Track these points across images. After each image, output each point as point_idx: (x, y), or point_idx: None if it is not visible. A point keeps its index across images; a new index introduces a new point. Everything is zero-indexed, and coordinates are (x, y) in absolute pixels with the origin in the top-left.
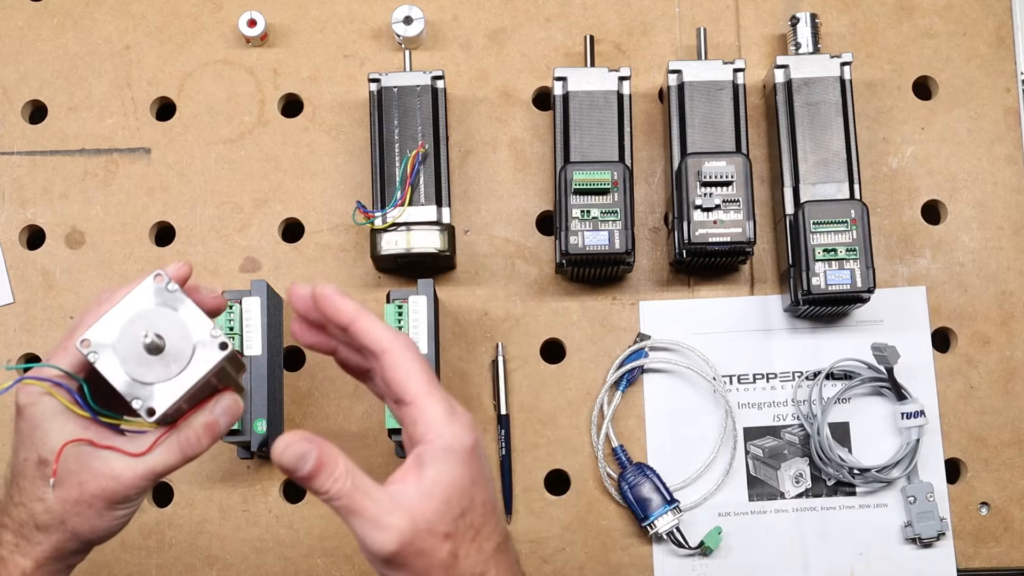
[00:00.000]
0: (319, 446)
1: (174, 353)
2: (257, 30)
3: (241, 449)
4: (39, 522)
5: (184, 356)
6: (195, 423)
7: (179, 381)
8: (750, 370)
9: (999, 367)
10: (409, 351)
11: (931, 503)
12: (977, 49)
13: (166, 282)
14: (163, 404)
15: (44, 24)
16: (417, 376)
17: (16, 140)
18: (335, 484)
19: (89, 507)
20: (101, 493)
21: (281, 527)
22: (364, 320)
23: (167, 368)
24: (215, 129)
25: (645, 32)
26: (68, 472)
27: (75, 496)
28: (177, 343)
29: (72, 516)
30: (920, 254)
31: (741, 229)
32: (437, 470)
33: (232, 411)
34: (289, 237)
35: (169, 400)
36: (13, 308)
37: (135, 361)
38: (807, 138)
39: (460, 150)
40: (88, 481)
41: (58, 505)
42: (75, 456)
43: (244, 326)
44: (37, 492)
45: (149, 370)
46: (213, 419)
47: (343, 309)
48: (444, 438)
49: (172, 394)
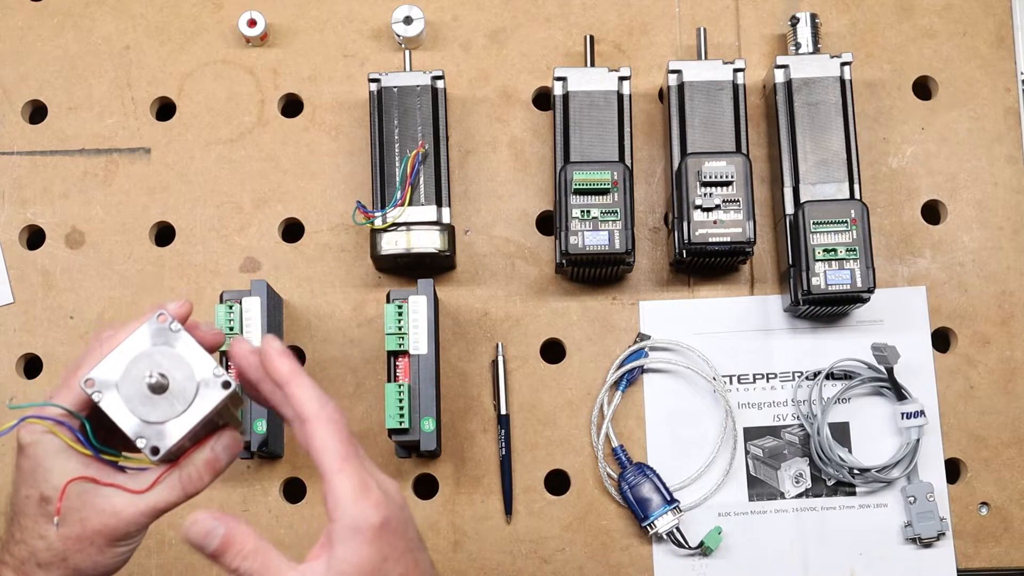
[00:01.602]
0: (227, 524)
1: (178, 392)
2: (257, 30)
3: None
4: (40, 560)
5: (188, 395)
6: (196, 460)
7: (183, 420)
8: (750, 370)
9: (999, 367)
10: (331, 425)
11: (931, 503)
12: (977, 49)
13: (169, 322)
14: (167, 443)
15: (44, 24)
16: (331, 451)
17: (16, 140)
18: (243, 562)
19: (91, 544)
20: (103, 530)
21: (281, 527)
22: (295, 385)
23: (171, 407)
24: (215, 129)
25: (645, 32)
26: (70, 510)
27: (77, 533)
28: (181, 382)
29: (74, 553)
30: (920, 254)
31: (741, 229)
32: (345, 549)
33: (232, 449)
34: (289, 237)
35: (173, 439)
36: (13, 308)
37: (139, 400)
38: (807, 138)
39: (460, 150)
40: (90, 518)
41: (60, 543)
42: (77, 494)
43: (244, 326)
44: (39, 530)
45: (153, 409)
46: (214, 456)
47: (280, 370)
48: (350, 516)
49: (176, 433)
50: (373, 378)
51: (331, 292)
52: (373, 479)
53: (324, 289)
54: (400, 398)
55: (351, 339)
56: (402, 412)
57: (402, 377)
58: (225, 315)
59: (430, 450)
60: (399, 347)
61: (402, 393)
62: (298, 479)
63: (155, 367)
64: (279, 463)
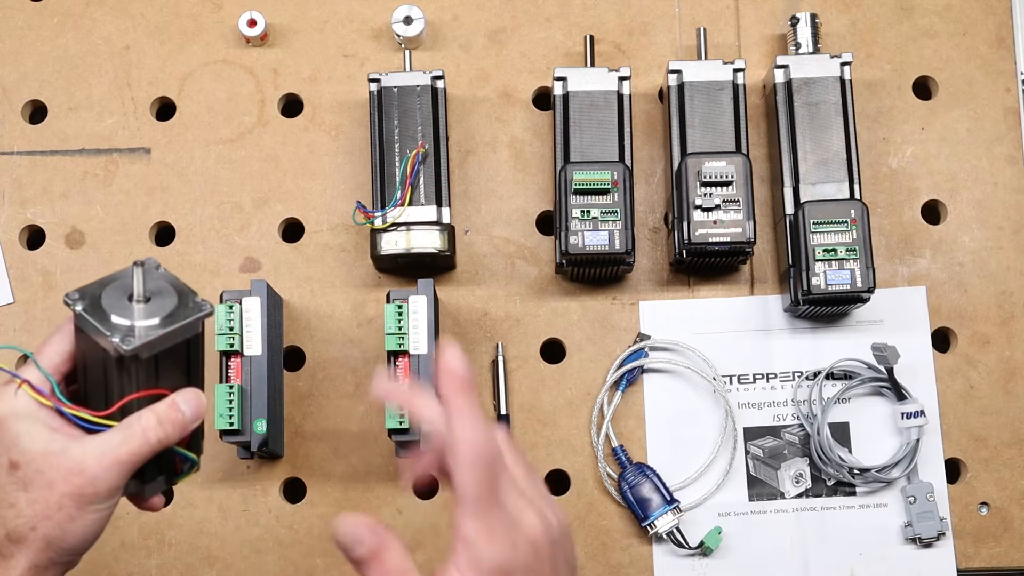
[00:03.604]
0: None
1: (157, 304)
2: (257, 30)
3: (241, 449)
4: (11, 531)
5: (167, 307)
6: (157, 407)
7: (158, 324)
8: (750, 370)
9: (999, 367)
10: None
11: (931, 503)
12: (977, 49)
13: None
14: (139, 338)
15: (44, 24)
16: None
17: (16, 140)
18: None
19: (59, 509)
20: (71, 491)
21: (281, 527)
22: (453, 408)
23: (149, 314)
24: (215, 129)
25: (645, 32)
26: (35, 473)
27: (45, 497)
28: (162, 297)
29: (42, 520)
30: (920, 254)
31: (741, 229)
32: None
33: (194, 403)
34: (289, 237)
35: (146, 336)
36: (13, 308)
37: (119, 308)
38: (807, 138)
39: (460, 150)
40: (56, 481)
41: (29, 509)
42: (42, 455)
43: (244, 326)
44: (8, 498)
45: (132, 314)
46: (174, 405)
47: (445, 387)
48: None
49: (150, 332)
50: (373, 378)
51: (331, 292)
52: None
53: (324, 289)
54: None
55: (351, 339)
56: (402, 412)
57: (402, 377)
58: (225, 315)
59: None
60: (399, 347)
61: None
62: (298, 479)
63: (138, 283)
64: (279, 463)
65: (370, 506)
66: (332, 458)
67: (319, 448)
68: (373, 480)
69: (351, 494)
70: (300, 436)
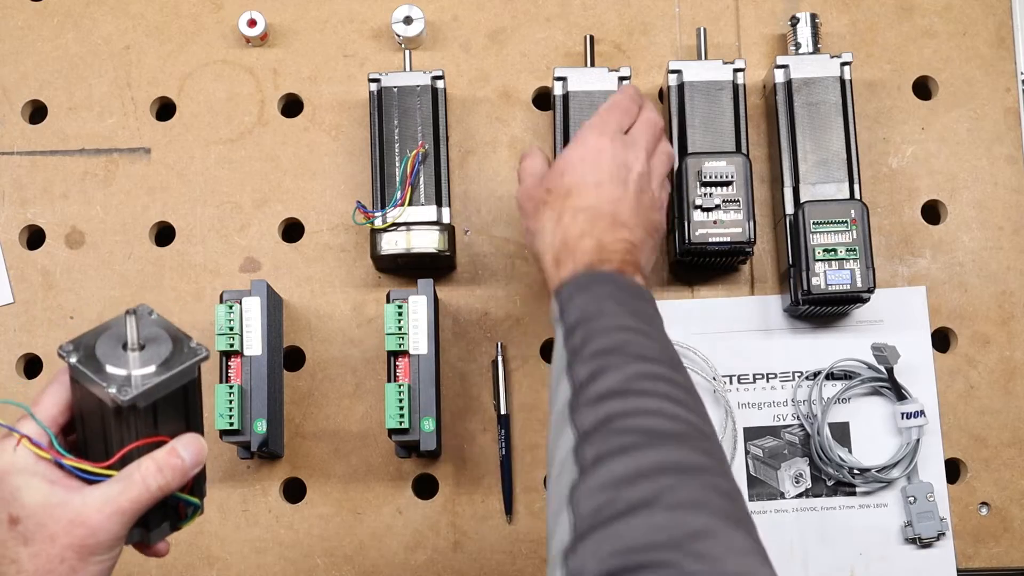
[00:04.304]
0: None
1: (152, 352)
2: (257, 30)
3: (241, 449)
4: None
5: (162, 354)
6: (156, 455)
7: (155, 371)
8: (750, 370)
9: (999, 367)
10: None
11: (931, 503)
12: (977, 49)
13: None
14: (136, 388)
15: (44, 24)
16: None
17: (16, 140)
18: None
19: (62, 562)
20: (72, 543)
21: (281, 527)
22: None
23: (145, 362)
24: (215, 129)
25: (645, 32)
26: (36, 526)
27: (47, 551)
28: (156, 344)
29: (45, 574)
30: (920, 254)
31: (741, 229)
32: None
33: (194, 448)
34: (289, 237)
35: (143, 385)
36: (13, 308)
37: (114, 358)
38: (807, 138)
39: (460, 150)
40: (58, 533)
41: (31, 564)
42: (43, 509)
43: (244, 326)
44: (10, 554)
45: (127, 364)
46: (174, 452)
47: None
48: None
49: (147, 380)
50: (373, 378)
51: (331, 292)
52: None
53: (324, 289)
54: (400, 398)
55: (351, 339)
56: (402, 412)
57: (402, 377)
58: (225, 315)
59: (430, 450)
60: (399, 347)
61: (402, 393)
62: (298, 479)
63: (132, 331)
64: (279, 463)
65: (370, 506)
66: (332, 458)
67: (319, 448)
68: (373, 480)
69: (351, 494)
70: (300, 436)
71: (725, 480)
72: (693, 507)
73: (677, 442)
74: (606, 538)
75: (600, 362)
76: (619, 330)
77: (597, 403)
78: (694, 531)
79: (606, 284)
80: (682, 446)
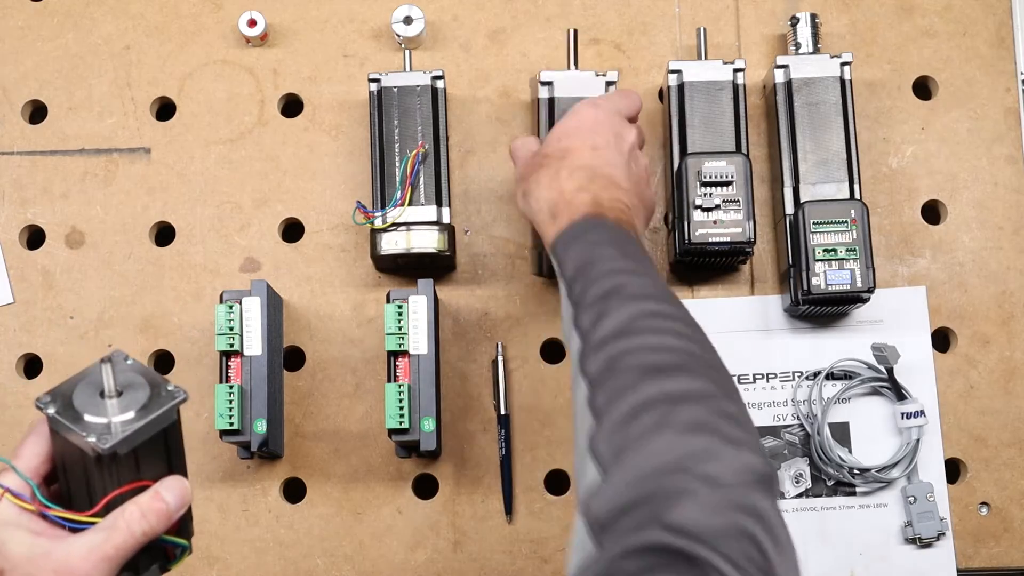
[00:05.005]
0: None
1: (130, 399)
2: (257, 30)
3: (241, 449)
4: None
5: (140, 400)
6: (139, 499)
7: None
8: (750, 370)
9: (999, 367)
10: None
11: (931, 503)
12: (977, 49)
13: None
14: (116, 436)
15: (44, 24)
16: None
17: (16, 140)
18: None
19: None
20: None
21: (281, 527)
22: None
23: (123, 409)
24: (215, 129)
25: (645, 32)
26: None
27: None
28: (134, 390)
29: None
30: (920, 254)
31: (741, 229)
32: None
33: (178, 491)
34: (289, 237)
35: (123, 432)
36: (13, 308)
37: (92, 406)
38: (807, 138)
39: (460, 150)
40: None
41: None
42: (28, 560)
43: (244, 326)
44: None
45: (105, 412)
46: (158, 496)
47: None
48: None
49: (126, 428)
50: (373, 378)
51: (331, 292)
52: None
53: (324, 289)
54: (400, 398)
55: (351, 339)
56: (402, 412)
57: (402, 377)
58: (225, 315)
59: (430, 450)
60: (399, 347)
61: (402, 393)
62: (298, 479)
63: (108, 379)
64: (279, 463)
65: (370, 506)
66: (332, 458)
67: (319, 448)
68: (373, 480)
69: (351, 494)
70: (300, 436)
71: (730, 403)
72: (696, 429)
73: (679, 372)
74: (620, 472)
75: (599, 307)
76: (614, 273)
77: (600, 348)
78: (696, 452)
79: (598, 230)
80: (683, 375)
